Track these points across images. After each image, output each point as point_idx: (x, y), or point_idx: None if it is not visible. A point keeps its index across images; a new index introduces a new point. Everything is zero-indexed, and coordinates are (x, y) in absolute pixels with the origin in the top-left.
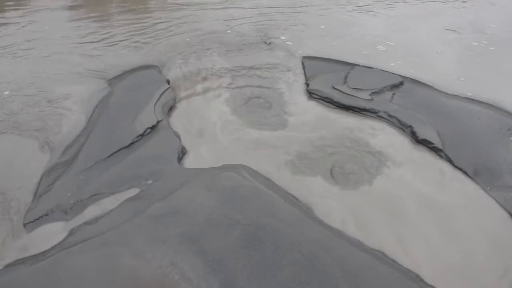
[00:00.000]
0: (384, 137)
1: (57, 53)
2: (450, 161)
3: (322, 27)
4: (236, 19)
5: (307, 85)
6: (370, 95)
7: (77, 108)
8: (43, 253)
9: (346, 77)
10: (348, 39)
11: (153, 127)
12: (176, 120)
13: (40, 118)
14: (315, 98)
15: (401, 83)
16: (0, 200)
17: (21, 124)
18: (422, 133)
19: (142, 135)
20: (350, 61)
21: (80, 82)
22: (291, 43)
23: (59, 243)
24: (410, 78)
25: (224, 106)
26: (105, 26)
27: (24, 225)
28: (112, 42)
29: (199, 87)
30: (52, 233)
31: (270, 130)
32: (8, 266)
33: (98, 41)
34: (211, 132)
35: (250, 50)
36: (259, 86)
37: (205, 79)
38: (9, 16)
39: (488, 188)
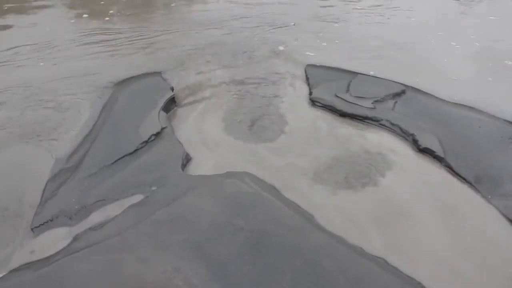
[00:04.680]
0: (386, 146)
1: (60, 59)
2: (451, 169)
3: (323, 34)
4: (238, 27)
5: (310, 93)
6: (372, 103)
7: (82, 115)
8: (47, 258)
9: (348, 85)
10: (351, 47)
11: (157, 134)
12: (180, 127)
13: (45, 124)
14: (318, 106)
15: (403, 92)
16: (8, 205)
17: (26, 130)
18: (424, 142)
19: (146, 141)
20: (353, 69)
21: (85, 88)
22: (294, 52)
23: (64, 249)
24: (412, 87)
25: (227, 114)
26: (109, 33)
27: (32, 229)
28: (116, 49)
29: (202, 94)
30: (57, 238)
31: (273, 138)
32: (12, 271)
33: (102, 47)
34: (214, 139)
35: (254, 58)
36: (262, 94)
37: (207, 86)
38: (12, 19)
39: (489, 196)
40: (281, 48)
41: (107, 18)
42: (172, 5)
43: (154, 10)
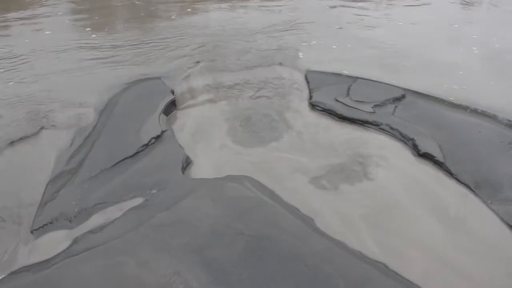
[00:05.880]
0: (386, 150)
1: (61, 61)
2: (451, 174)
3: (324, 39)
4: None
5: (310, 97)
6: (372, 107)
7: (82, 117)
8: (47, 261)
9: (348, 89)
10: (350, 51)
11: (157, 137)
12: (180, 130)
13: (46, 127)
14: (318, 110)
15: (403, 96)
16: (7, 207)
17: (26, 131)
18: (424, 146)
19: (146, 144)
20: (352, 74)
21: (85, 92)
22: (296, 57)
23: (63, 251)
24: (412, 91)
25: (228, 117)
26: (110, 37)
27: (32, 231)
28: (117, 52)
29: (203, 98)
30: (57, 241)
31: (273, 141)
32: (12, 273)
33: (104, 50)
34: (214, 143)
35: (255, 62)
36: (263, 98)
37: (208, 90)
38: (14, 21)
39: (489, 201)
40: (277, 49)
41: (107, 28)
42: (173, 17)
43: (154, 20)
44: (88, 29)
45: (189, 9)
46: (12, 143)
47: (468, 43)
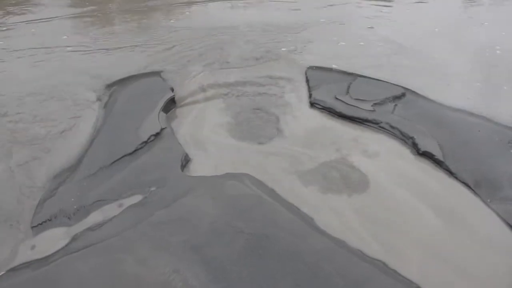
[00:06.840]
0: (386, 148)
1: (60, 59)
2: (451, 173)
3: (324, 38)
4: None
5: (310, 95)
6: (372, 106)
7: (81, 114)
8: (46, 258)
9: (348, 87)
10: (351, 49)
11: (157, 135)
12: (179, 128)
13: (44, 124)
14: (318, 108)
15: (403, 95)
16: (7, 205)
17: (26, 130)
18: (424, 145)
19: (146, 142)
20: (353, 72)
21: (85, 88)
22: (295, 54)
23: (62, 249)
24: (412, 90)
25: (227, 115)
26: (108, 32)
27: (32, 228)
28: (116, 48)
29: (202, 95)
30: (55, 238)
31: (273, 140)
32: (10, 270)
33: (103, 47)
34: (213, 141)
35: (256, 60)
36: (262, 95)
37: (208, 88)
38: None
39: (489, 200)
40: (283, 49)
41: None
42: (172, 21)
43: (154, 16)
44: (65, 37)
45: (187, 12)
46: (10, 140)
47: (493, 43)
